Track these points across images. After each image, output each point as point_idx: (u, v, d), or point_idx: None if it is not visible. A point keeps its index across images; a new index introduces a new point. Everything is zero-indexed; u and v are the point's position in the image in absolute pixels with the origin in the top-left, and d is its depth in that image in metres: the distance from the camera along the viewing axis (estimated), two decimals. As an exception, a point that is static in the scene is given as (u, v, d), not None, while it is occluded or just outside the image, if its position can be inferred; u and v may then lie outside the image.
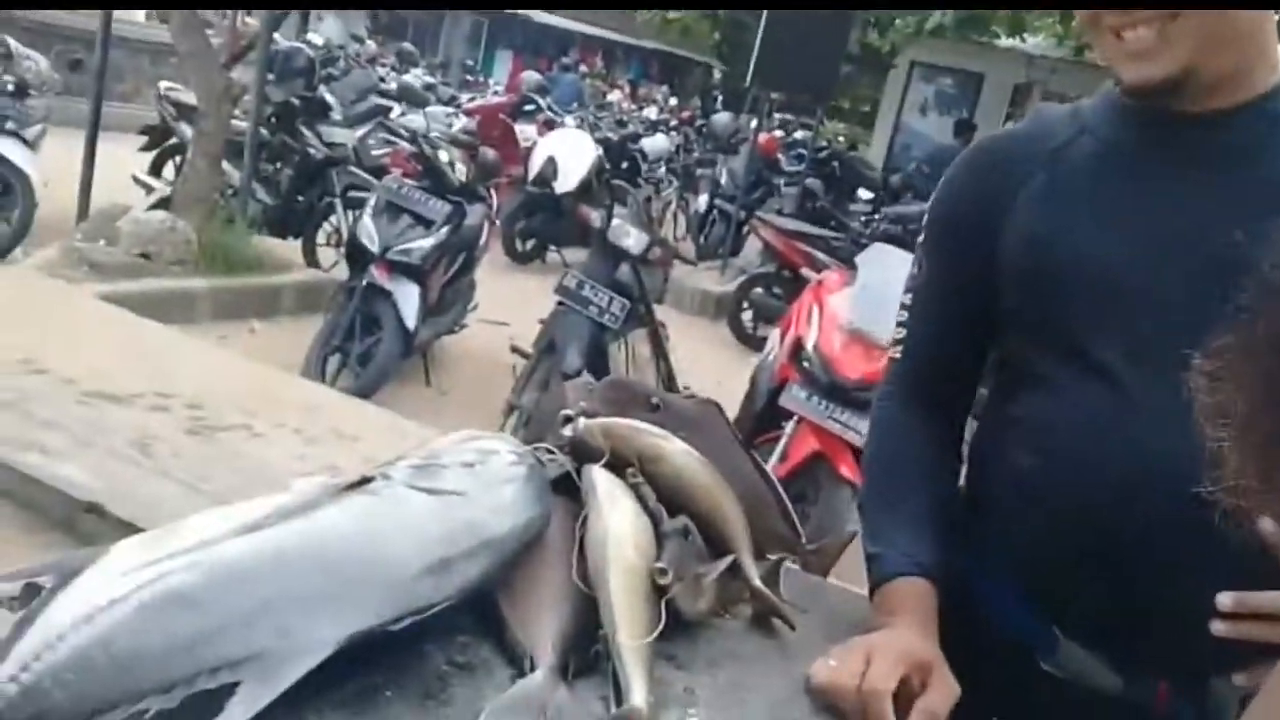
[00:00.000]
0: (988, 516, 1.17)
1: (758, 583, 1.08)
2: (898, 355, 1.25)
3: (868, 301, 3.86)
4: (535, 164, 7.74)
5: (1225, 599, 0.93)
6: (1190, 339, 1.00)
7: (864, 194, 8.14)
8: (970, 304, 1.18)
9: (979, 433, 1.23)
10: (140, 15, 13.20)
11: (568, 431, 1.15)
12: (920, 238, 1.24)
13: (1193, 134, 1.06)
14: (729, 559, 1.06)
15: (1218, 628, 0.94)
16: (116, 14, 6.44)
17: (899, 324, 1.25)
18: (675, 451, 1.13)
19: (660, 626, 0.93)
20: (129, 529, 2.42)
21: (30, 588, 0.83)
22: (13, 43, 6.10)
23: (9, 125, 5.58)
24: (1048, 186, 1.10)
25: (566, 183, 7.42)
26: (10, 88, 5.74)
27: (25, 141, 5.64)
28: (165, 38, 7.38)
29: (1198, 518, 0.96)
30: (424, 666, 0.88)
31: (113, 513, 2.54)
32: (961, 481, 1.25)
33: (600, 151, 8.12)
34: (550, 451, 1.15)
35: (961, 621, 1.10)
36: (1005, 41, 12.35)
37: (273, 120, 6.47)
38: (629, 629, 0.91)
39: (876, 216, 6.76)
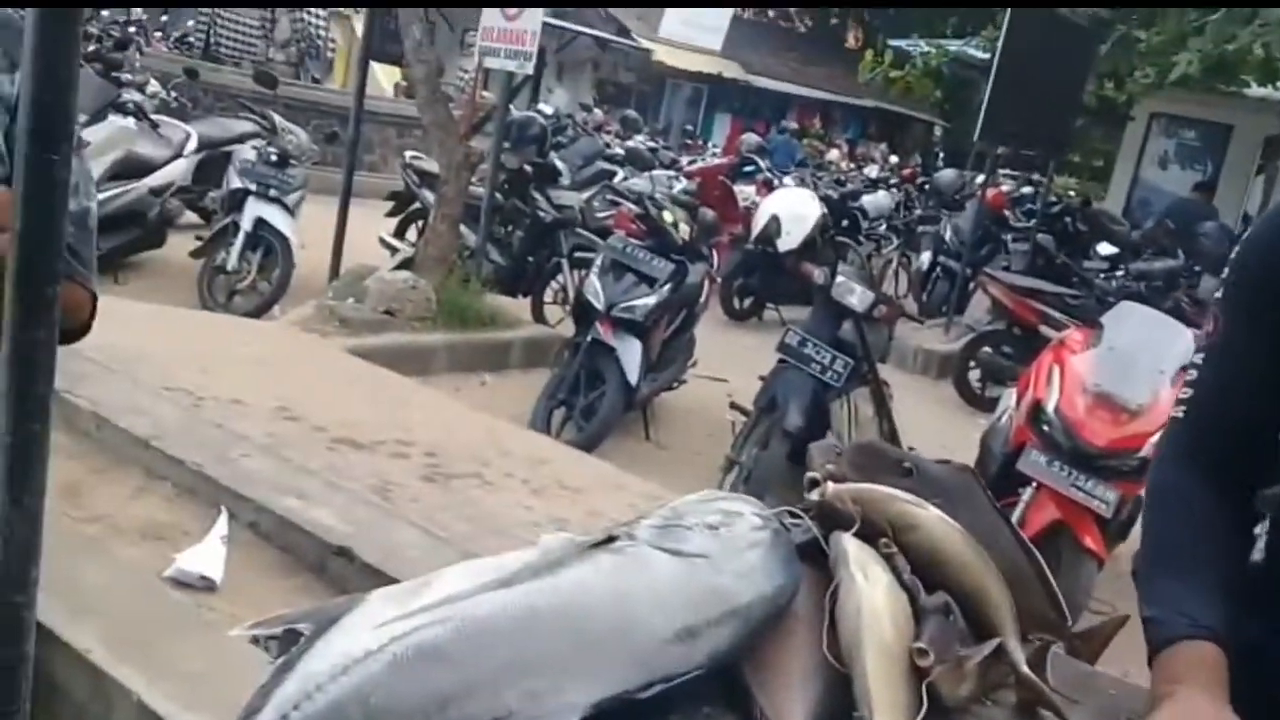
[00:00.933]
0: None
1: (1025, 669, 0.99)
2: (1180, 415, 1.17)
3: (1115, 363, 3.63)
4: (759, 222, 7.75)
5: None
6: None
7: (1104, 249, 7.69)
8: (1270, 366, 1.08)
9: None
10: (388, 91, 14.22)
11: (814, 496, 1.09)
12: (1218, 294, 1.17)
13: None
14: (995, 642, 0.97)
15: None
16: (368, 90, 6.92)
17: (1186, 383, 1.17)
18: (932, 520, 1.05)
19: (923, 713, 0.86)
20: (374, 573, 2.53)
21: (290, 633, 0.85)
22: (277, 117, 6.68)
23: (273, 192, 6.08)
24: None
25: (790, 240, 7.40)
26: (274, 158, 6.26)
27: (287, 208, 6.13)
28: (410, 111, 7.89)
29: None
30: (670, 738, 0.84)
31: (360, 557, 2.65)
32: (1261, 549, 1.13)
33: (824, 210, 8.06)
34: (795, 515, 1.10)
35: (1260, 697, 1.01)
36: (1256, 91, 11.48)
37: (506, 185, 6.77)
38: (887, 713, 0.84)
39: (1119, 274, 6.39)
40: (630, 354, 4.82)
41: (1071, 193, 14.97)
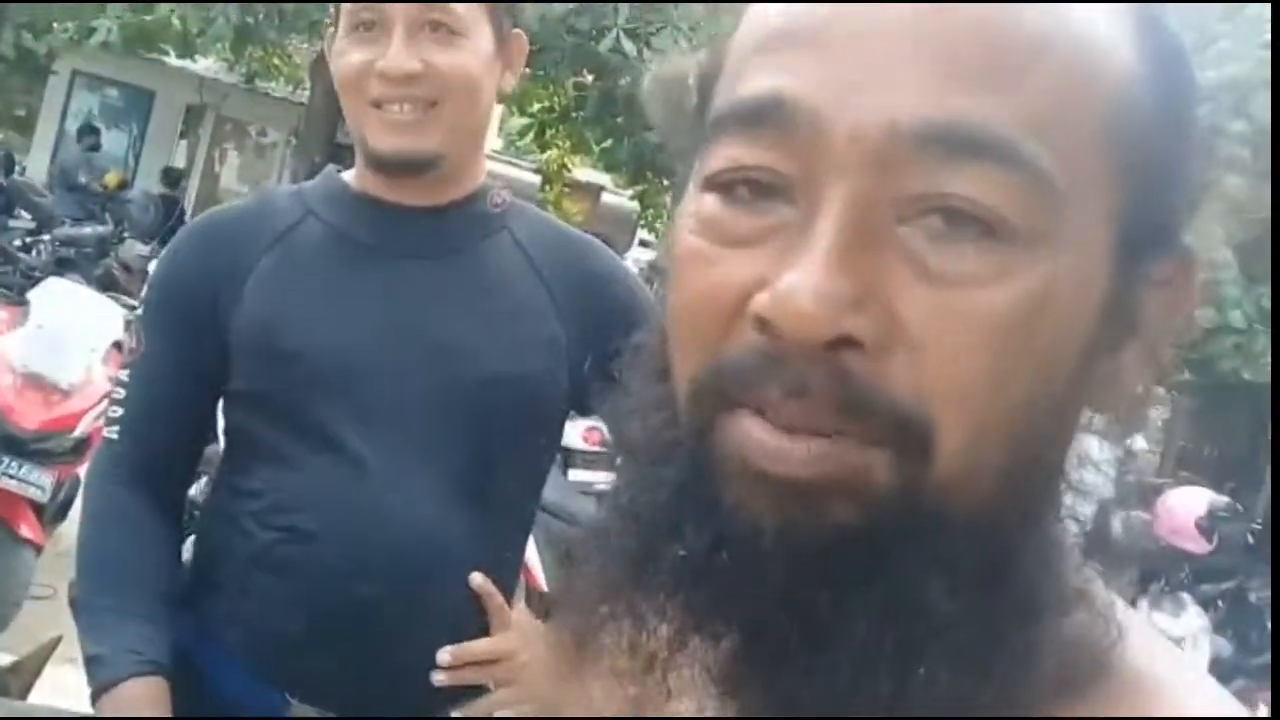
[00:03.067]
0: (219, 589, 1.13)
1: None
2: (114, 435, 1.16)
3: (45, 341, 3.51)
4: None
5: (445, 655, 1.04)
6: (417, 418, 1.09)
7: (23, 216, 7.21)
8: (198, 383, 1.14)
9: (211, 505, 1.19)
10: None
11: None
12: (140, 311, 1.18)
13: (412, 226, 1.13)
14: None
15: (439, 678, 1.04)
16: None
17: (115, 401, 1.17)
18: None
19: None
20: None
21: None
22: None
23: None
24: (277, 269, 1.11)
25: None
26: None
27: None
28: None
29: (422, 582, 1.07)
30: None
31: None
32: (189, 549, 1.21)
33: None
34: None
35: (192, 699, 1.08)
36: (175, 61, 12.04)
37: None
38: None
39: (45, 238, 6.11)
40: None
41: (-3, 148, 13.83)
